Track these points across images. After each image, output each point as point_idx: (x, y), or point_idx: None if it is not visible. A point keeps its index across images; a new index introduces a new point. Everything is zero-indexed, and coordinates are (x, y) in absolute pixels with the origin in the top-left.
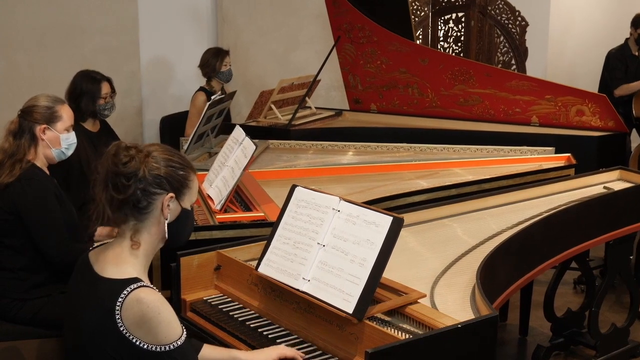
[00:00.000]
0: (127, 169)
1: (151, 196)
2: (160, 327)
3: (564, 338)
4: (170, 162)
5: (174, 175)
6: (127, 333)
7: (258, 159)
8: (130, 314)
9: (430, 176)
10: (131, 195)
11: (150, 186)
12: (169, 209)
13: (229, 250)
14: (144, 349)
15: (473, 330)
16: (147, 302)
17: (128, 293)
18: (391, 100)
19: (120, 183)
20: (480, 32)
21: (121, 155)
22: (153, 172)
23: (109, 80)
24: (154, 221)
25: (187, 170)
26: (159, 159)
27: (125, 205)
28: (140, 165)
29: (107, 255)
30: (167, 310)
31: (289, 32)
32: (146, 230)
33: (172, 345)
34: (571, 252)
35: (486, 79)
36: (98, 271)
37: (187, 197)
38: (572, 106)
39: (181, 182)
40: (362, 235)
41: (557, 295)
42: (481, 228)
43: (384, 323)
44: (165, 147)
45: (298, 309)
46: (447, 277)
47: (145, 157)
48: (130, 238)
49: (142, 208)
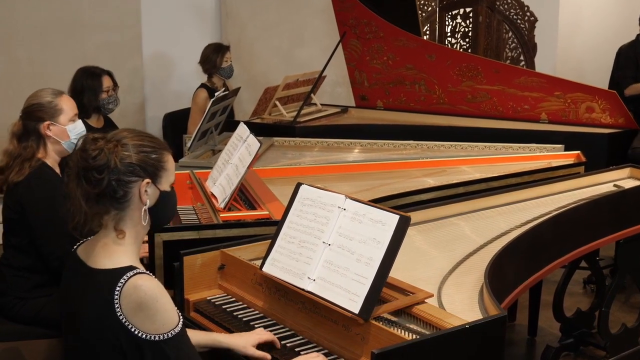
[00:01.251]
0: (98, 162)
1: (127, 185)
2: (157, 314)
3: (574, 338)
4: (141, 148)
5: (147, 160)
6: (126, 322)
7: (262, 156)
8: (129, 301)
9: (437, 174)
10: (106, 187)
11: (124, 175)
12: (147, 194)
13: (232, 250)
14: (141, 337)
15: (481, 331)
16: (144, 289)
17: (125, 281)
18: (398, 97)
19: (92, 177)
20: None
21: (89, 149)
22: (125, 161)
23: (110, 74)
24: (134, 208)
25: (160, 152)
26: (130, 146)
27: (102, 198)
28: (111, 156)
29: (96, 249)
30: (165, 297)
31: (294, 27)
32: (128, 218)
33: (169, 333)
34: (581, 251)
35: (494, 75)
36: (91, 264)
37: (164, 179)
38: (581, 103)
39: (155, 166)
40: (368, 234)
41: (567, 295)
42: (489, 227)
43: (391, 323)
44: (135, 132)
45: (303, 309)
46: (454, 276)
47: (114, 147)
48: (114, 228)
49: (120, 197)
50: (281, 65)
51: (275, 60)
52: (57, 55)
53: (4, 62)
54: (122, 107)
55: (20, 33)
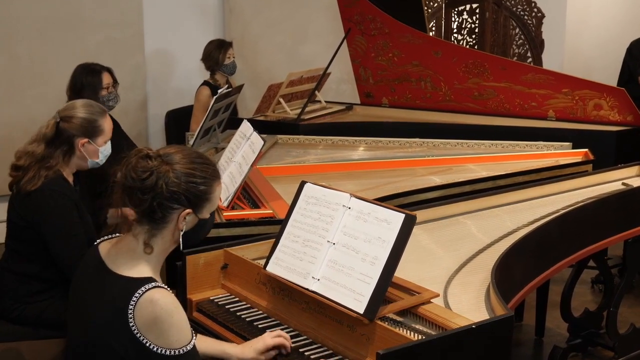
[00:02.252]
0: (145, 184)
1: (167, 210)
2: (172, 330)
3: (582, 339)
4: (191, 177)
5: (194, 191)
6: (139, 334)
7: (266, 154)
8: (143, 314)
9: (443, 172)
10: (148, 207)
11: (167, 201)
12: (185, 221)
13: (236, 249)
14: (154, 351)
15: (488, 331)
16: (160, 304)
17: (142, 293)
18: (403, 94)
19: (135, 196)
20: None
21: (139, 170)
22: (171, 188)
23: (109, 71)
24: (169, 230)
25: (209, 184)
26: (180, 173)
27: (139, 214)
28: (159, 181)
29: (120, 251)
30: (180, 313)
31: (298, 23)
32: (160, 237)
33: (182, 349)
34: (589, 251)
35: (501, 72)
36: (110, 267)
37: (206, 209)
38: (589, 100)
39: (200, 197)
40: (373, 233)
41: (574, 294)
42: (496, 225)
43: (396, 323)
44: (189, 157)
45: (307, 309)
46: (461, 276)
47: (166, 171)
48: (143, 242)
49: (158, 219)
50: (285, 62)
51: (279, 56)
52: (58, 53)
53: (4, 59)
54: (123, 105)
55: (21, 30)
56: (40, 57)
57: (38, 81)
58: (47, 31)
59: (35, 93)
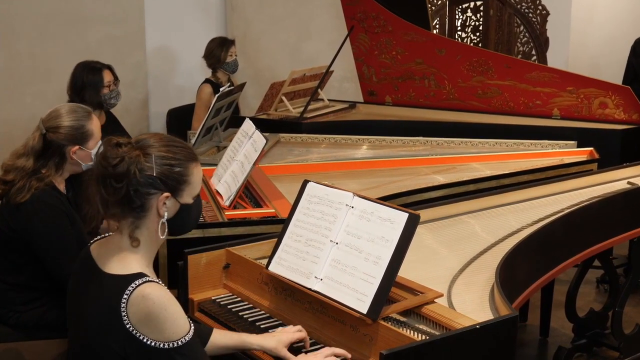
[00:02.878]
0: (117, 170)
1: (145, 196)
2: (167, 323)
3: (587, 339)
4: (166, 160)
5: (169, 174)
6: (134, 330)
7: (269, 153)
8: (136, 310)
9: (447, 171)
10: (124, 196)
11: (142, 187)
12: (166, 207)
13: (238, 248)
14: (151, 346)
15: (492, 331)
16: (152, 298)
17: (133, 289)
18: (407, 92)
19: (110, 185)
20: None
21: (110, 157)
22: (145, 173)
23: (110, 68)
24: (151, 218)
25: (185, 166)
26: (153, 157)
27: (119, 205)
28: (131, 166)
29: (109, 250)
30: (174, 305)
31: (301, 21)
32: (145, 227)
33: (179, 341)
34: (594, 250)
35: (505, 70)
36: (101, 267)
37: (186, 192)
38: (594, 98)
39: (178, 180)
40: (376, 232)
41: (579, 294)
42: (500, 225)
43: (399, 324)
44: (163, 140)
45: (310, 309)
46: (465, 275)
47: (137, 157)
48: (129, 235)
49: (137, 208)
50: (288, 60)
51: (281, 54)
52: (59, 50)
53: (5, 56)
54: (125, 103)
55: (21, 27)
56: (41, 54)
57: (38, 78)
58: (48, 28)
59: (35, 90)
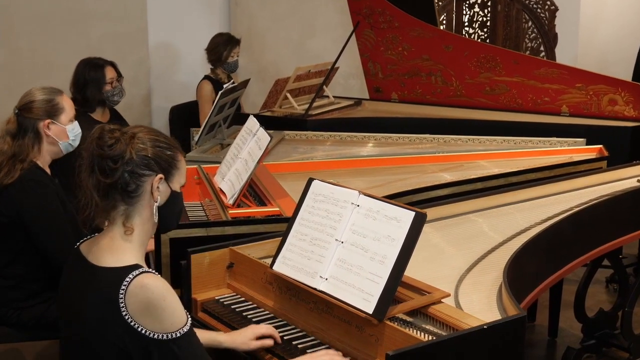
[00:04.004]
0: (113, 152)
1: (140, 178)
2: (165, 313)
3: (596, 340)
4: (156, 143)
5: (162, 155)
6: (132, 321)
7: (273, 150)
8: (135, 300)
9: (454, 169)
10: (119, 178)
11: (138, 168)
12: (159, 190)
13: (242, 247)
14: (149, 337)
15: (500, 332)
16: (151, 288)
17: (131, 280)
18: (413, 89)
19: (107, 166)
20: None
21: (106, 138)
22: (140, 153)
23: (113, 64)
24: (144, 204)
25: (174, 151)
26: (145, 139)
27: (113, 190)
28: (127, 147)
29: (101, 245)
30: (172, 296)
31: (306, 17)
32: (137, 214)
33: (177, 332)
34: (603, 249)
35: (513, 66)
36: (94, 262)
37: (176, 178)
38: (604, 95)
39: (169, 163)
40: (382, 231)
41: (588, 294)
42: (508, 224)
43: (406, 324)
44: (149, 128)
45: (315, 309)
46: (472, 275)
47: (130, 139)
48: (122, 224)
49: (131, 191)
50: (292, 56)
51: (286, 51)
52: (60, 46)
53: (5, 53)
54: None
55: (22, 23)
56: (42, 51)
57: (39, 75)
58: (49, 24)
59: None
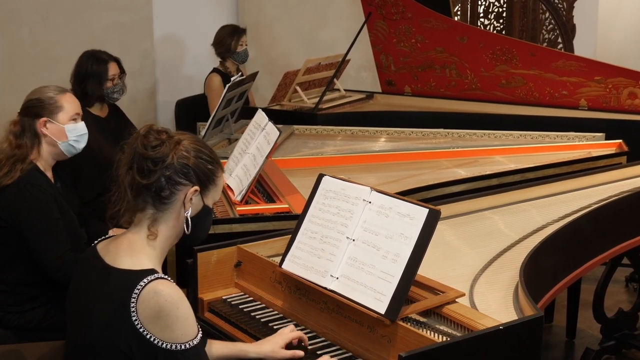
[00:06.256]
0: (156, 153)
1: (175, 186)
2: (177, 323)
3: (615, 340)
4: (200, 154)
5: (202, 168)
6: (142, 328)
7: (282, 145)
8: (147, 307)
9: (469, 164)
10: (155, 181)
11: (176, 175)
12: (192, 202)
13: (250, 245)
14: (158, 346)
15: (516, 333)
16: (165, 295)
17: (145, 285)
18: (427, 82)
19: (146, 166)
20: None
21: (151, 138)
22: (181, 161)
23: (117, 61)
24: (173, 213)
25: (216, 166)
26: (190, 148)
27: (146, 192)
28: (170, 152)
29: (120, 245)
30: (185, 305)
31: (316, 7)
32: (164, 222)
33: (188, 344)
34: (623, 247)
35: (530, 58)
36: (110, 262)
37: (211, 193)
38: (623, 88)
39: (208, 177)
40: (395, 228)
41: (608, 294)
42: (525, 221)
43: (419, 324)
44: (195, 138)
45: (325, 309)
46: (487, 274)
47: (175, 144)
48: (147, 227)
49: (164, 197)
50: (302, 48)
51: (295, 42)
52: (63, 37)
53: (6, 43)
54: (131, 93)
55: (23, 13)
56: (44, 43)
57: (41, 67)
58: (51, 15)
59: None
